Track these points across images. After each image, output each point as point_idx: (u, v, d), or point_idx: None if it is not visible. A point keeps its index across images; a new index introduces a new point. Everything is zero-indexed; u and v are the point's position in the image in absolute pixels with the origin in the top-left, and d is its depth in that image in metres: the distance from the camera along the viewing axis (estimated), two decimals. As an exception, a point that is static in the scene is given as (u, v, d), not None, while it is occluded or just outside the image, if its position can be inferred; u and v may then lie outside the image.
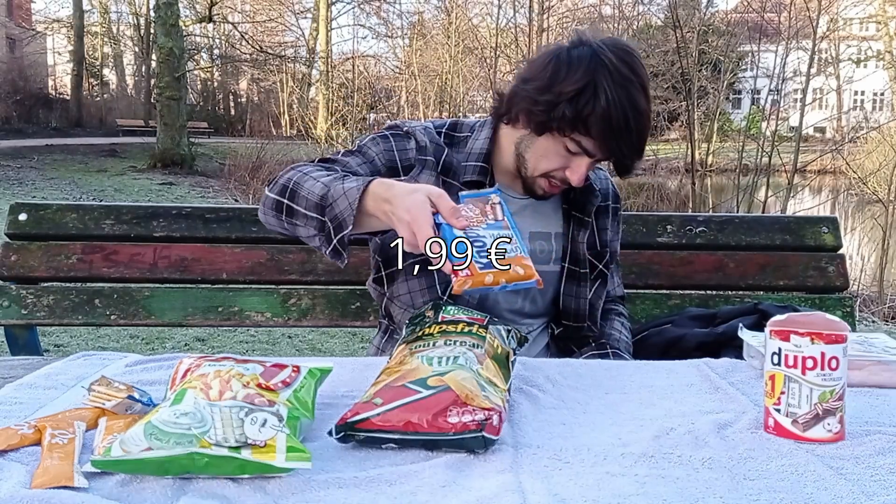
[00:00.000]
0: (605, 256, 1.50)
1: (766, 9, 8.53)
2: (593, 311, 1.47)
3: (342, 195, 1.10)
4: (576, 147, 1.29)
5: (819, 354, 0.86)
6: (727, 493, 0.74)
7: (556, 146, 1.30)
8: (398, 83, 14.65)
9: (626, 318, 1.59)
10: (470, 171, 1.39)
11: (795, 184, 7.00)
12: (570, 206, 1.45)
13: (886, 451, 0.85)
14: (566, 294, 1.44)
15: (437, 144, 1.41)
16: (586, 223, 1.45)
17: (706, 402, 1.02)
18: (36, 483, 0.73)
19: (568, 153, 1.30)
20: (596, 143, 1.28)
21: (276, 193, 1.21)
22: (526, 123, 1.33)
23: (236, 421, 0.76)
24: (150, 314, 1.82)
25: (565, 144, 1.29)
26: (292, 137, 17.33)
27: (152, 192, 11.22)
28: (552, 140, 1.30)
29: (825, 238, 1.91)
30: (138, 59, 29.62)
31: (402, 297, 1.41)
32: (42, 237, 1.85)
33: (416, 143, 1.39)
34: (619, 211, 1.57)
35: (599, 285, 1.49)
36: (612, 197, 1.54)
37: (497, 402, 0.86)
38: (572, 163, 1.31)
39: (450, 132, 1.44)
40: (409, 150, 1.38)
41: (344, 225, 1.09)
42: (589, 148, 1.29)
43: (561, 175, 1.33)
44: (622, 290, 1.64)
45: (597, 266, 1.48)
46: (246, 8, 29.38)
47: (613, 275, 1.59)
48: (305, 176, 1.19)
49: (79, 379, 1.08)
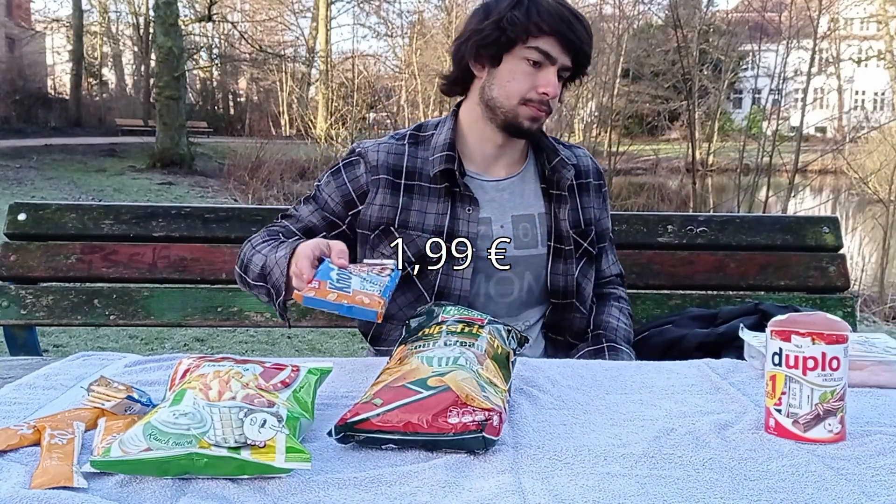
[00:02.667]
0: (590, 234, 1.49)
1: (767, 8, 8.54)
2: (580, 289, 1.47)
3: (275, 265, 1.24)
4: (537, 54, 1.32)
5: (820, 355, 0.86)
6: (728, 493, 0.74)
7: (519, 65, 1.34)
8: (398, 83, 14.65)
9: (624, 302, 1.57)
10: (437, 162, 1.40)
11: (796, 184, 7.01)
12: (547, 185, 1.47)
13: (887, 451, 0.85)
14: (553, 273, 1.44)
15: (395, 154, 1.42)
16: (564, 199, 1.45)
17: (707, 402, 1.02)
18: (35, 483, 0.73)
19: (532, 67, 1.33)
20: (552, 38, 1.31)
21: (238, 268, 1.39)
22: (481, 65, 1.38)
23: (236, 421, 0.76)
24: (149, 314, 1.81)
25: (526, 57, 1.33)
26: (292, 137, 17.33)
27: (151, 192, 11.22)
28: (512, 61, 1.34)
29: (826, 238, 1.91)
30: (137, 59, 29.63)
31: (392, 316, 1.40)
32: (41, 237, 1.84)
33: (365, 166, 1.42)
34: (604, 188, 1.56)
35: (585, 263, 1.48)
36: (593, 174, 1.53)
37: (497, 403, 0.86)
38: (540, 77, 1.33)
39: (415, 133, 1.47)
40: (360, 177, 1.42)
41: (279, 291, 1.24)
42: (548, 49, 1.32)
43: (535, 94, 1.34)
44: (618, 267, 1.62)
45: (581, 244, 1.47)
46: (245, 7, 29.39)
47: (608, 253, 1.58)
48: (253, 249, 1.35)
49: (78, 379, 1.07)
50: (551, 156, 1.46)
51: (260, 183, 11.49)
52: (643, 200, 9.53)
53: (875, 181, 7.83)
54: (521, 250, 1.42)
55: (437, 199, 1.40)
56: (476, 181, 1.43)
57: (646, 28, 13.84)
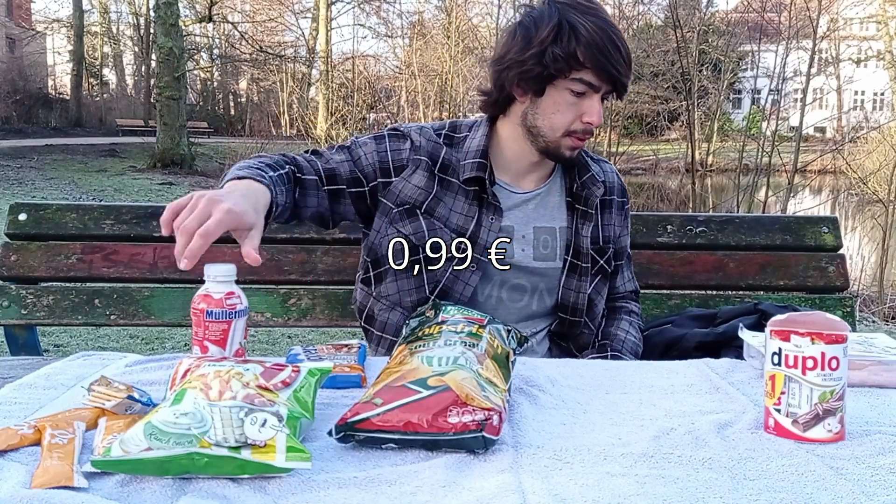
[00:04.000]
0: (608, 252, 1.49)
1: (767, 9, 8.53)
2: (592, 307, 1.46)
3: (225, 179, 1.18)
4: (580, 86, 1.31)
5: (819, 354, 0.86)
6: (727, 493, 0.74)
7: (562, 95, 1.33)
8: (398, 83, 14.65)
9: (636, 317, 1.56)
10: (468, 168, 1.39)
11: (796, 184, 7.00)
12: (573, 199, 1.46)
13: (887, 451, 0.85)
14: (565, 287, 1.44)
15: (435, 143, 1.42)
16: (590, 216, 1.45)
17: (706, 402, 1.02)
18: (36, 483, 0.73)
19: (575, 97, 1.32)
20: (593, 71, 1.30)
21: None
22: (523, 92, 1.36)
23: (236, 421, 0.76)
24: (149, 314, 1.82)
25: (569, 89, 1.32)
26: (292, 137, 17.32)
27: (152, 192, 11.22)
28: (555, 92, 1.33)
29: (825, 238, 1.91)
30: (138, 59, 29.62)
31: (390, 296, 1.42)
32: (42, 237, 1.84)
33: (411, 143, 1.41)
34: (627, 206, 1.56)
35: (599, 281, 1.48)
36: (618, 191, 1.53)
37: (497, 402, 0.86)
38: (583, 106, 1.33)
39: (450, 133, 1.45)
40: (403, 151, 1.40)
41: None
42: (591, 80, 1.31)
43: (579, 124, 1.34)
44: (634, 284, 1.60)
45: (598, 261, 1.47)
46: (246, 8, 29.38)
47: (624, 270, 1.57)
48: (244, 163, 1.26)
49: (78, 379, 1.07)
50: (582, 171, 1.46)
51: (260, 183, 11.46)
52: (643, 200, 9.53)
53: (874, 181, 7.83)
54: (540, 262, 1.42)
55: (465, 201, 1.40)
56: (505, 191, 1.43)
57: (645, 28, 13.83)
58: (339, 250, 1.84)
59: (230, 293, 1.05)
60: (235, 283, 1.08)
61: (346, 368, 1.08)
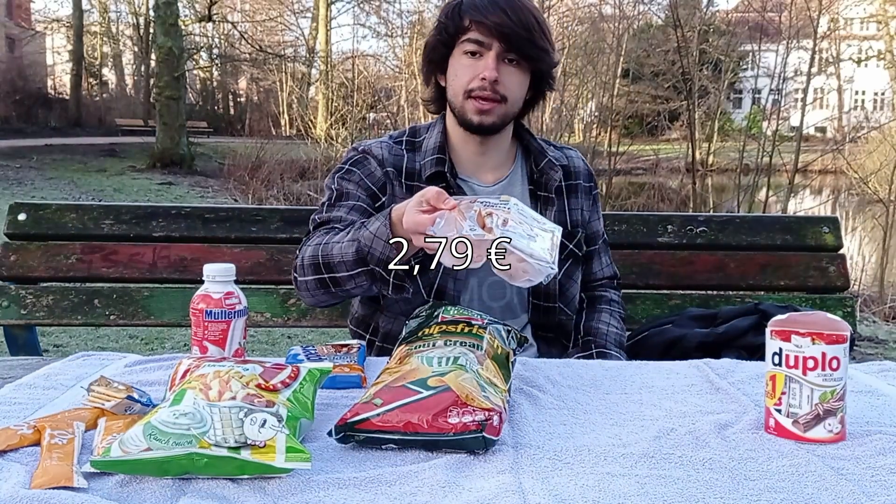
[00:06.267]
0: (577, 236, 1.49)
1: (767, 8, 8.54)
2: (564, 291, 1.47)
3: (373, 239, 1.18)
4: (470, 45, 1.35)
5: (820, 355, 0.86)
6: (728, 493, 0.74)
7: (459, 60, 1.37)
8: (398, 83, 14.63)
9: (617, 305, 1.56)
10: (428, 166, 1.41)
11: (796, 184, 7.01)
12: (535, 186, 1.48)
13: (887, 451, 0.85)
14: None
15: (396, 154, 1.44)
16: (552, 200, 1.47)
17: (707, 402, 1.02)
18: (35, 483, 0.73)
19: (471, 59, 1.36)
20: (477, 29, 1.34)
21: (314, 275, 1.27)
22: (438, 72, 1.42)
23: (236, 421, 0.76)
24: (149, 314, 1.81)
25: (463, 51, 1.36)
26: (292, 137, 17.31)
27: (151, 192, 11.22)
28: (454, 61, 1.38)
29: (826, 238, 1.91)
30: (138, 59, 29.60)
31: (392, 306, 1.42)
32: (41, 237, 1.84)
33: (375, 161, 1.43)
34: (594, 190, 1.57)
35: (571, 265, 1.48)
36: (584, 176, 1.54)
37: (497, 403, 0.86)
38: (479, 66, 1.35)
39: (410, 139, 1.48)
40: (374, 172, 1.43)
41: (388, 260, 1.17)
42: (476, 37, 1.34)
43: (476, 82, 1.35)
44: (612, 269, 1.60)
45: (566, 245, 1.47)
46: (245, 7, 29.36)
47: (600, 255, 1.57)
48: (327, 246, 1.26)
49: (78, 379, 1.07)
50: (539, 158, 1.48)
51: (260, 183, 11.48)
52: (643, 200, 9.53)
53: (875, 181, 7.82)
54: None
55: None
56: (468, 184, 1.44)
57: (646, 28, 13.83)
58: (339, 250, 1.84)
59: (229, 293, 1.05)
60: (234, 283, 1.07)
61: (346, 368, 1.08)
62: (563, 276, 1.46)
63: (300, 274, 1.30)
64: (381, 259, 1.17)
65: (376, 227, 1.18)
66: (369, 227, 1.19)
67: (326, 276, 1.25)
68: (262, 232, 1.86)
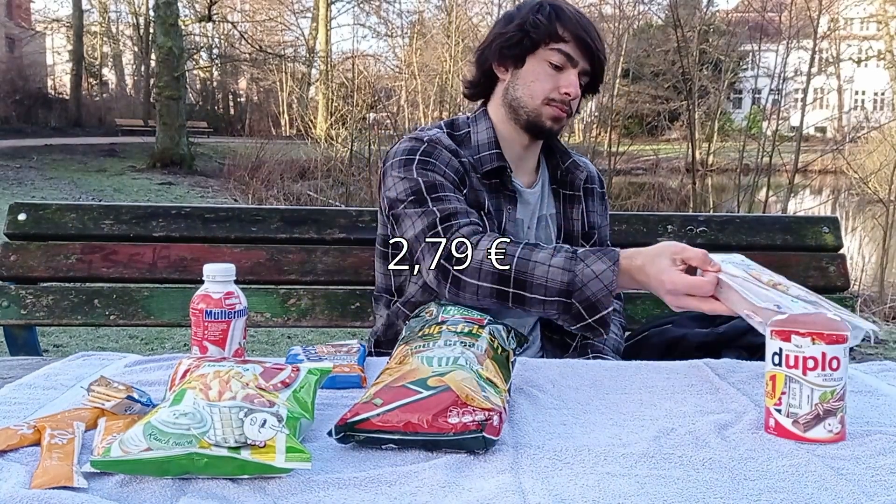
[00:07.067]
0: (593, 238, 1.54)
1: (767, 8, 8.54)
2: None
3: (593, 278, 1.15)
4: (559, 56, 1.36)
5: (820, 355, 0.86)
6: (728, 493, 0.74)
7: (541, 66, 1.37)
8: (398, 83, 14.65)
9: (617, 313, 1.57)
10: (486, 161, 1.41)
11: (796, 184, 7.01)
12: (559, 185, 1.51)
13: (887, 451, 0.85)
14: None
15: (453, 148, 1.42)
16: (577, 199, 1.51)
17: (707, 402, 1.02)
18: (35, 483, 0.73)
19: (553, 70, 1.37)
20: (573, 43, 1.36)
21: (495, 284, 1.20)
22: (505, 67, 1.41)
23: (236, 421, 0.76)
24: (149, 314, 1.81)
25: (548, 60, 1.37)
26: (292, 137, 17.31)
27: (151, 192, 11.22)
28: (535, 62, 1.38)
29: (826, 238, 1.91)
30: (137, 59, 29.60)
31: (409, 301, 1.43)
32: (41, 237, 1.84)
33: (448, 151, 1.38)
34: (605, 195, 1.61)
35: None
36: (597, 181, 1.58)
37: (497, 403, 0.86)
38: (561, 78, 1.37)
39: (450, 133, 1.45)
40: (451, 161, 1.37)
41: (601, 306, 1.15)
42: (569, 52, 1.36)
43: (557, 94, 1.37)
44: None
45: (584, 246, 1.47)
46: (245, 7, 29.37)
47: None
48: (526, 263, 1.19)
49: (78, 379, 1.07)
50: (564, 157, 1.51)
51: (260, 183, 11.48)
52: (643, 200, 9.53)
53: (875, 181, 7.83)
54: None
55: (488, 196, 1.40)
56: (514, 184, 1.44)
57: (646, 28, 13.83)
58: (339, 250, 1.84)
59: (229, 293, 1.05)
60: (234, 283, 1.07)
61: (346, 368, 1.08)
62: None
63: (471, 276, 1.21)
64: (590, 301, 1.14)
65: (601, 269, 1.14)
66: (591, 266, 1.15)
67: (512, 291, 1.19)
68: (262, 232, 1.86)
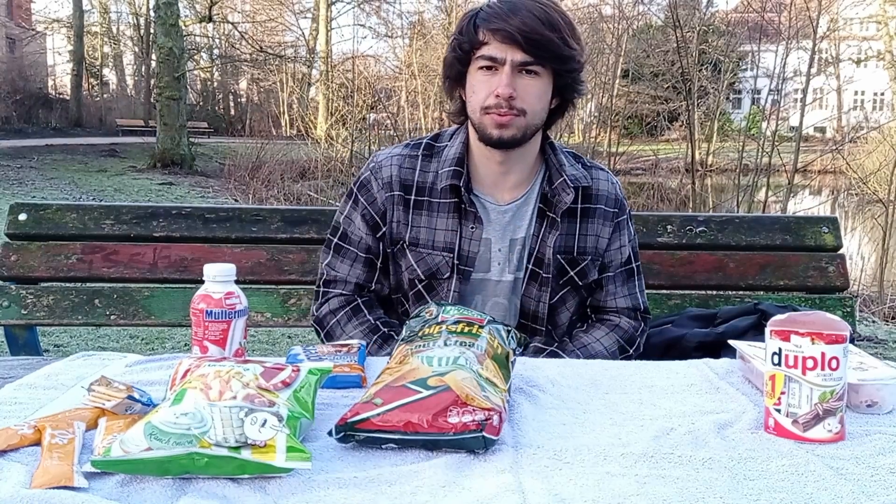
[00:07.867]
0: (582, 263, 1.42)
1: (767, 9, 8.53)
2: (554, 316, 1.44)
3: None
4: (483, 61, 1.32)
5: (819, 354, 0.86)
6: (727, 493, 0.74)
7: (475, 77, 1.34)
8: (398, 83, 14.63)
9: (620, 331, 1.46)
10: (445, 177, 1.40)
11: (796, 184, 7.01)
12: (545, 205, 1.42)
13: (887, 451, 0.85)
14: (525, 295, 1.42)
15: (408, 168, 1.43)
16: (557, 223, 1.41)
17: (706, 402, 1.02)
18: (36, 483, 0.73)
19: (487, 75, 1.32)
20: (495, 42, 1.30)
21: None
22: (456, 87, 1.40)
23: (236, 421, 0.76)
24: (149, 314, 1.82)
25: (479, 68, 1.33)
26: (292, 137, 17.30)
27: (152, 192, 11.21)
28: (471, 77, 1.35)
29: (825, 238, 1.91)
30: (138, 59, 29.60)
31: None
32: (42, 237, 1.85)
33: (378, 184, 1.43)
34: (620, 217, 1.47)
35: (567, 292, 1.43)
36: (609, 201, 1.45)
37: (497, 403, 0.86)
38: (494, 82, 1.31)
39: (430, 143, 1.46)
40: (376, 199, 1.43)
41: None
42: (493, 53, 1.31)
43: (492, 99, 1.31)
44: (631, 301, 1.48)
45: (567, 271, 1.42)
46: (246, 8, 29.37)
47: (615, 283, 1.48)
48: None
49: (79, 379, 1.07)
50: (554, 176, 1.42)
51: (260, 183, 11.48)
52: (643, 200, 9.52)
53: (874, 181, 7.83)
54: (515, 273, 1.43)
55: (447, 215, 1.40)
56: (482, 201, 1.42)
57: (645, 28, 13.82)
58: (339, 250, 1.84)
59: (230, 293, 1.05)
60: (235, 282, 1.07)
61: (346, 368, 1.08)
62: (557, 301, 1.43)
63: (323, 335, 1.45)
64: None
65: None
66: None
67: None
68: (263, 232, 1.86)
